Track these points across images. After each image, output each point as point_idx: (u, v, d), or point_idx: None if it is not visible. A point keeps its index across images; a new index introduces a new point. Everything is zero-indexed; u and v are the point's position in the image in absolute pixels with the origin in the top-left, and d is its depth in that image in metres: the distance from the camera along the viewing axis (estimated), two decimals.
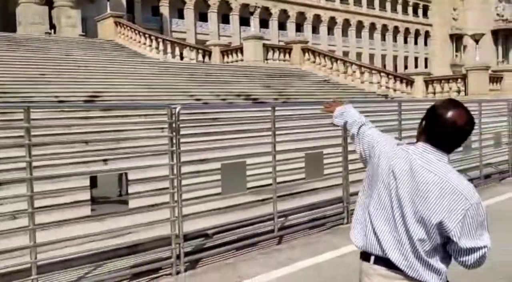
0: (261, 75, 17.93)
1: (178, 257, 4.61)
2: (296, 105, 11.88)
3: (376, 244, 1.91)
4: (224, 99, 13.27)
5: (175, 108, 4.67)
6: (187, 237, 4.85)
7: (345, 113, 2.42)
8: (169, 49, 21.79)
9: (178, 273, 4.58)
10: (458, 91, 21.34)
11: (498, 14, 64.79)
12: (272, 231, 5.58)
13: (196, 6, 44.25)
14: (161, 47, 21.79)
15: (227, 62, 22.11)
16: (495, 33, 64.42)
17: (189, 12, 44.01)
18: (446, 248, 1.86)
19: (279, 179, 5.90)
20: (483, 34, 29.92)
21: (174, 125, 4.65)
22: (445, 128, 1.86)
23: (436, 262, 1.86)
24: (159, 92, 12.60)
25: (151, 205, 5.38)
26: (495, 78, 21.97)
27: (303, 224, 6.05)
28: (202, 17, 45.37)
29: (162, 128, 5.60)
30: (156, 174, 5.89)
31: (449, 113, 1.86)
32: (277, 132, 5.77)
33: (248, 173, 5.41)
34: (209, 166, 6.60)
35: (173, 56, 21.69)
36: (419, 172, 1.85)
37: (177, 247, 4.61)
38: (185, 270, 4.64)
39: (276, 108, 5.98)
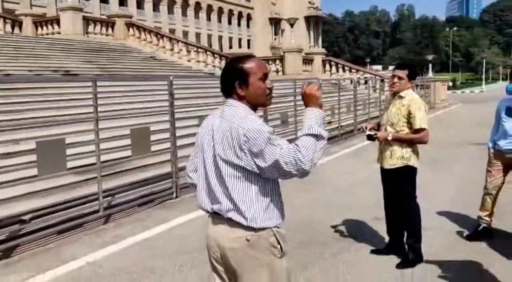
0: (82, 50, 16.77)
1: None
2: (120, 80, 11.40)
3: (205, 201, 2.08)
4: (39, 76, 12.06)
5: None
6: None
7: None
8: None
9: None
10: (277, 71, 23.09)
11: (309, 2, 71.20)
12: (97, 211, 5.36)
13: None
14: None
15: (42, 35, 20.14)
16: (308, 20, 70.86)
17: None
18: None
19: (104, 157, 5.67)
20: (297, 19, 32.52)
21: None
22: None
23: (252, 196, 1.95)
24: None
25: None
26: (308, 60, 24.30)
27: (131, 201, 5.95)
28: None
29: None
30: None
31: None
32: (100, 109, 5.51)
33: (70, 152, 5.08)
34: (24, 146, 6.02)
35: None
36: (211, 122, 2.05)
37: None
38: None
39: (99, 84, 5.69)
